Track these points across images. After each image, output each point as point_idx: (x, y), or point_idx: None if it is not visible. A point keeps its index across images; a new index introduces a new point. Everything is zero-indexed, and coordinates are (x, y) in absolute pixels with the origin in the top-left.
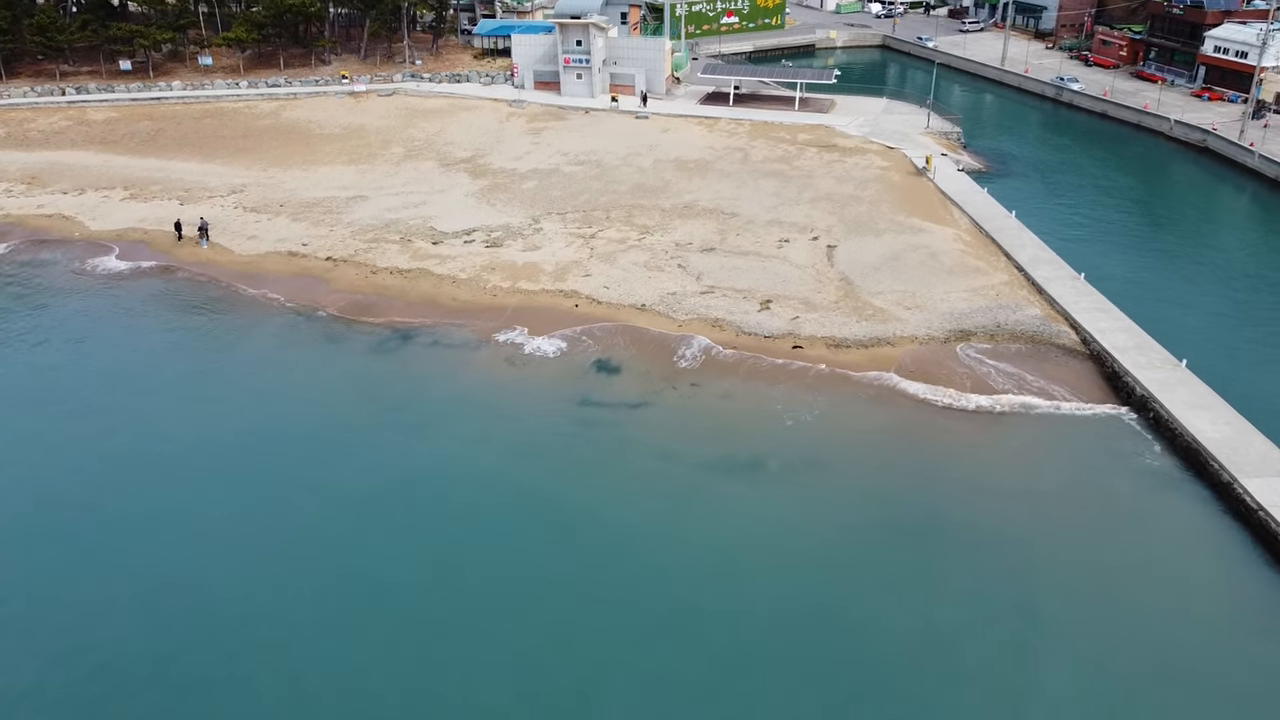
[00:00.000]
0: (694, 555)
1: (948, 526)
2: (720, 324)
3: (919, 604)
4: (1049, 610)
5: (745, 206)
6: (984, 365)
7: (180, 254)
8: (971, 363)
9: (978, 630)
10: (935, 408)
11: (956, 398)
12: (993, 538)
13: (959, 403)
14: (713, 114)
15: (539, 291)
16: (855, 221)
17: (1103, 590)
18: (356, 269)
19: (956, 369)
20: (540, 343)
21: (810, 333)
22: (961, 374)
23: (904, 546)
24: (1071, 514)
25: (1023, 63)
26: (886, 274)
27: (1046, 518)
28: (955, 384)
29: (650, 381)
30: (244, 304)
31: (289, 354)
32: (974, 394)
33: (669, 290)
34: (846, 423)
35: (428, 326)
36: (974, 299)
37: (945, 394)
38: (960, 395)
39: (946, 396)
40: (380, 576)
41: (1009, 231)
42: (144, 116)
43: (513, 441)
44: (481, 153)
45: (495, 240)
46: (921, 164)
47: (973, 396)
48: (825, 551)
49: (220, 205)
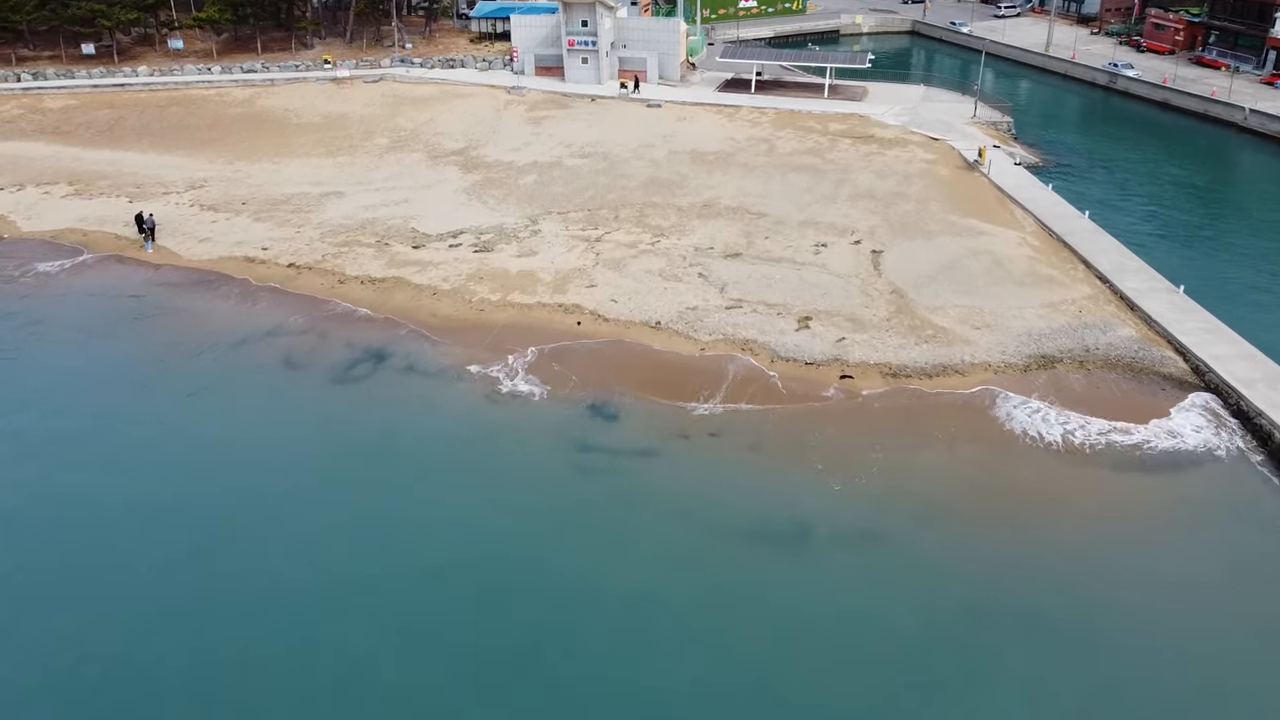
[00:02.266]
0: (722, 654)
1: (1063, 620)
2: (751, 346)
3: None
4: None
5: (774, 205)
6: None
7: (119, 259)
8: (1062, 400)
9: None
10: (1025, 457)
11: (1053, 439)
12: (1121, 634)
13: (1058, 446)
14: (733, 102)
15: (534, 306)
16: (902, 222)
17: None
18: (322, 277)
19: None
20: (533, 370)
21: (861, 358)
22: (1052, 414)
23: (1007, 652)
24: (1207, 590)
25: (1068, 49)
26: (945, 285)
27: (1175, 597)
28: (1044, 428)
29: (666, 420)
30: (182, 320)
31: (231, 382)
32: (1073, 433)
33: (688, 304)
34: (915, 477)
35: (401, 348)
36: (1053, 316)
37: (1040, 435)
38: (1056, 433)
39: (1042, 439)
40: (337, 662)
41: (1084, 235)
42: (104, 104)
43: (496, 498)
44: (475, 144)
45: (486, 244)
46: (973, 157)
47: (1073, 434)
48: (896, 653)
49: (175, 203)
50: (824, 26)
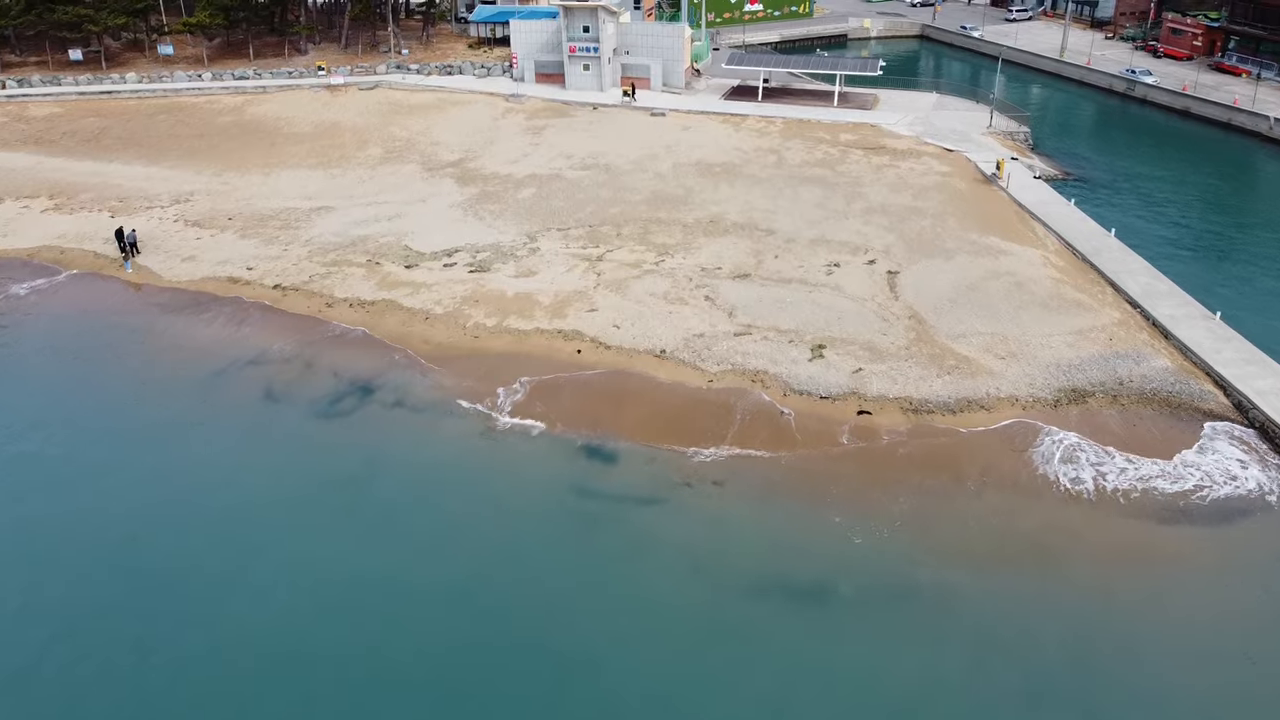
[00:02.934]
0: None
1: (1107, 698)
2: (763, 378)
3: None
4: None
5: (783, 221)
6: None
7: (96, 280)
8: (1096, 440)
9: None
10: (1059, 506)
11: (1088, 484)
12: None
13: (1093, 493)
14: (739, 110)
15: (532, 332)
16: (918, 240)
17: None
18: (309, 300)
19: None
20: (529, 404)
21: (879, 391)
22: (1086, 456)
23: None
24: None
25: (1083, 54)
26: (966, 309)
27: (1227, 668)
28: (1078, 472)
29: (671, 463)
30: (158, 347)
31: (207, 417)
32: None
33: (695, 331)
34: (942, 529)
35: (390, 380)
36: (1082, 344)
37: (1075, 481)
38: (1090, 478)
39: (1077, 485)
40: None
41: (1110, 254)
42: (90, 112)
43: (487, 551)
44: (472, 155)
45: (482, 263)
46: (990, 169)
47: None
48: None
49: (159, 217)
50: (831, 30)
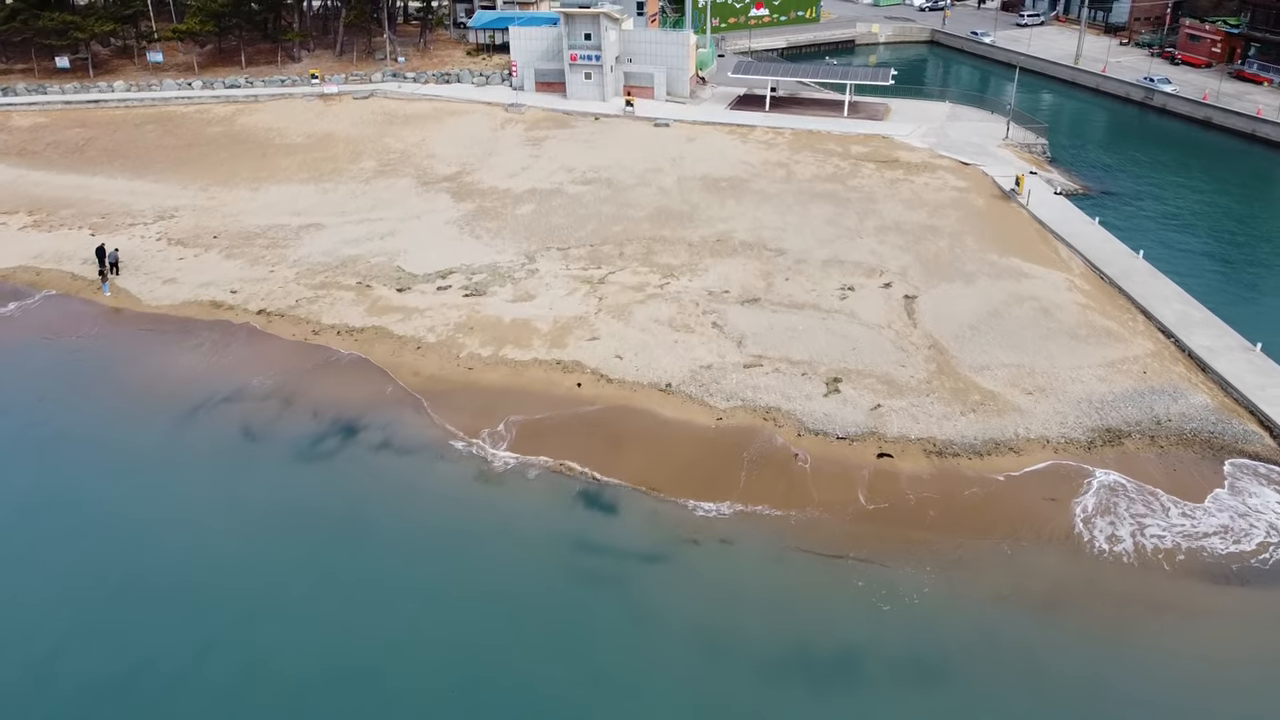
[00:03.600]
0: None
1: None
2: (775, 416)
3: None
4: None
5: (794, 239)
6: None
7: (72, 303)
8: (1135, 488)
9: None
10: (1098, 567)
11: (1128, 542)
12: None
13: (1133, 552)
14: (746, 121)
15: (529, 363)
16: (936, 261)
17: None
18: (295, 327)
19: (1126, 497)
20: (526, 445)
21: (900, 431)
22: (1125, 507)
23: None
24: None
25: (1098, 61)
26: (989, 338)
27: None
28: (1117, 527)
29: (677, 516)
30: (132, 379)
31: (180, 458)
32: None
33: (702, 362)
34: (974, 595)
35: (377, 417)
36: (1114, 378)
37: (1114, 538)
38: (1129, 534)
39: (1117, 542)
40: None
41: (1140, 278)
42: (76, 123)
43: (478, 612)
44: (469, 168)
45: (477, 286)
46: (1009, 184)
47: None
48: None
49: (141, 235)
50: (839, 36)
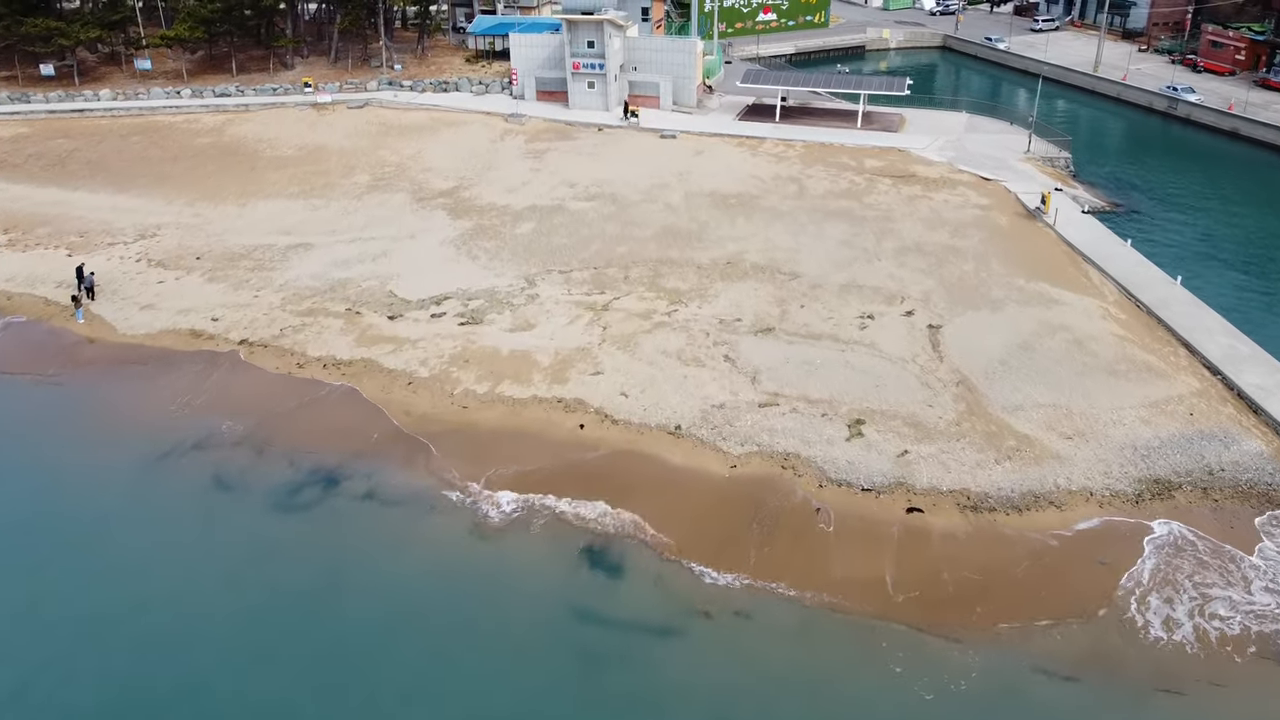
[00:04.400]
0: None
1: None
2: (794, 463)
3: None
4: None
5: (808, 261)
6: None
7: (41, 331)
8: (1191, 551)
9: None
10: (1157, 656)
11: (1186, 623)
12: None
13: (1193, 637)
14: (756, 132)
15: (528, 401)
16: (960, 286)
17: None
18: (279, 359)
19: (1182, 566)
20: (524, 496)
21: (930, 481)
22: (1184, 577)
23: None
24: None
25: (1118, 68)
26: (1021, 374)
27: None
28: (1175, 605)
29: (689, 582)
30: (99, 418)
31: (146, 508)
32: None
33: (714, 400)
34: (1024, 687)
35: (363, 463)
36: (1159, 421)
37: (1173, 619)
38: (1186, 615)
39: (1176, 624)
40: None
41: (1179, 307)
42: (59, 133)
43: (469, 690)
44: (467, 182)
45: (474, 313)
46: (1033, 202)
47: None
48: None
49: (120, 256)
50: (849, 42)
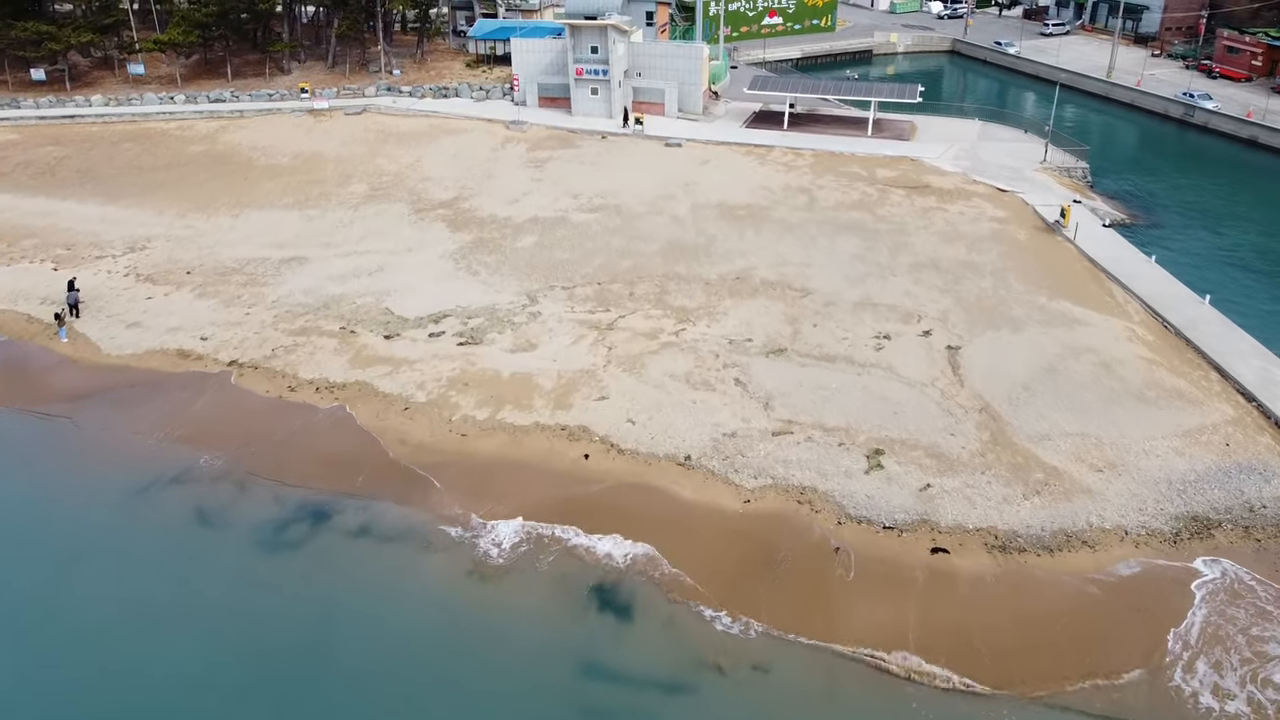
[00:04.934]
0: None
1: None
2: (810, 498)
3: None
4: None
5: (820, 277)
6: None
7: (20, 352)
8: (1237, 601)
9: None
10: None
11: (1238, 695)
12: None
13: (1250, 713)
14: (764, 140)
15: (530, 429)
16: (979, 305)
17: None
18: (269, 381)
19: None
20: (526, 531)
21: (955, 518)
22: (1235, 634)
23: None
24: None
25: (1131, 74)
26: (1047, 400)
27: None
28: (1226, 673)
29: (700, 632)
30: (77, 447)
31: (122, 546)
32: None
33: (725, 428)
34: None
35: (356, 497)
36: (1194, 452)
37: (1223, 690)
38: (1238, 684)
39: (1227, 697)
40: None
41: (1208, 328)
42: (49, 140)
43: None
44: (467, 193)
45: (473, 332)
46: (1051, 215)
47: None
48: None
49: (108, 270)
50: (856, 46)
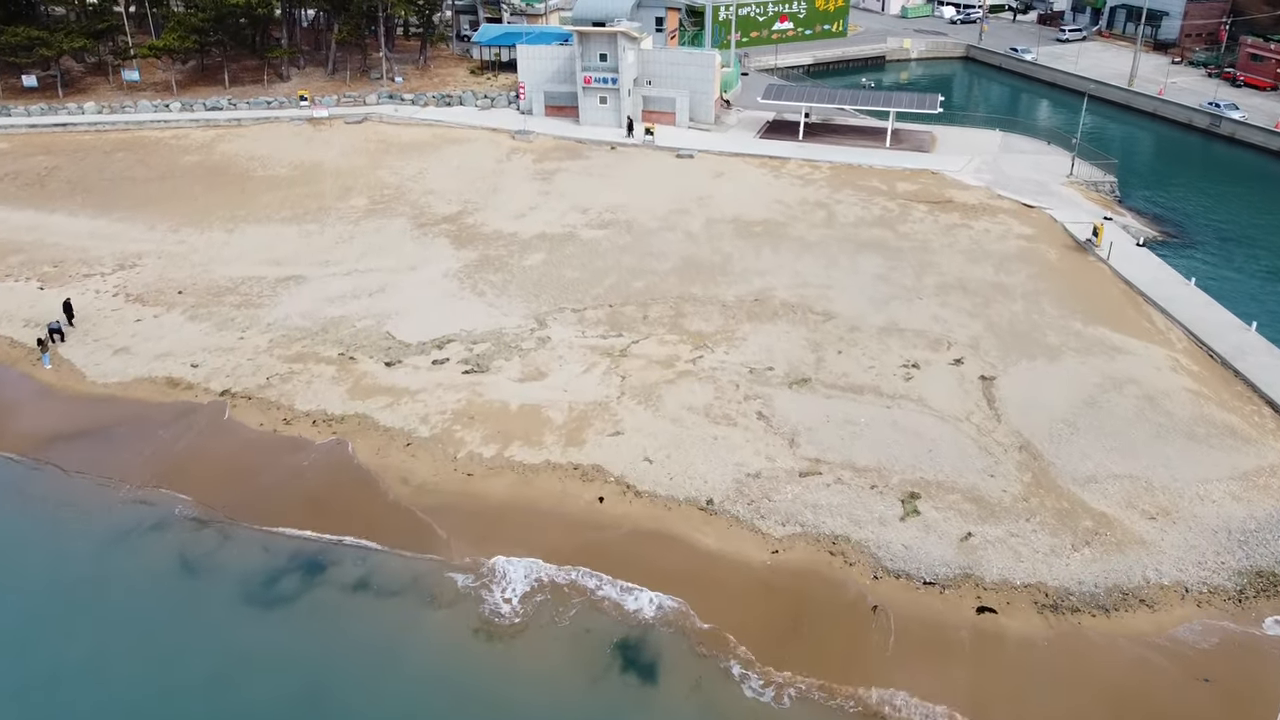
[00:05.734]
0: None
1: None
2: (843, 548)
3: None
4: None
5: (842, 299)
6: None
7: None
8: None
9: None
10: None
11: None
12: None
13: None
14: (778, 152)
15: (541, 468)
16: (1011, 331)
17: None
18: (263, 413)
19: None
20: (539, 582)
21: (1001, 573)
22: None
23: None
24: None
25: (1153, 82)
26: (1091, 437)
27: None
28: None
29: (730, 698)
30: (54, 490)
31: (100, 600)
32: None
33: (749, 468)
34: None
35: (355, 545)
36: (1252, 496)
37: None
38: None
39: None
40: None
41: (1257, 358)
42: (40, 149)
43: None
44: (471, 207)
45: (479, 359)
46: (1081, 232)
47: None
48: None
49: (97, 290)
50: (868, 52)
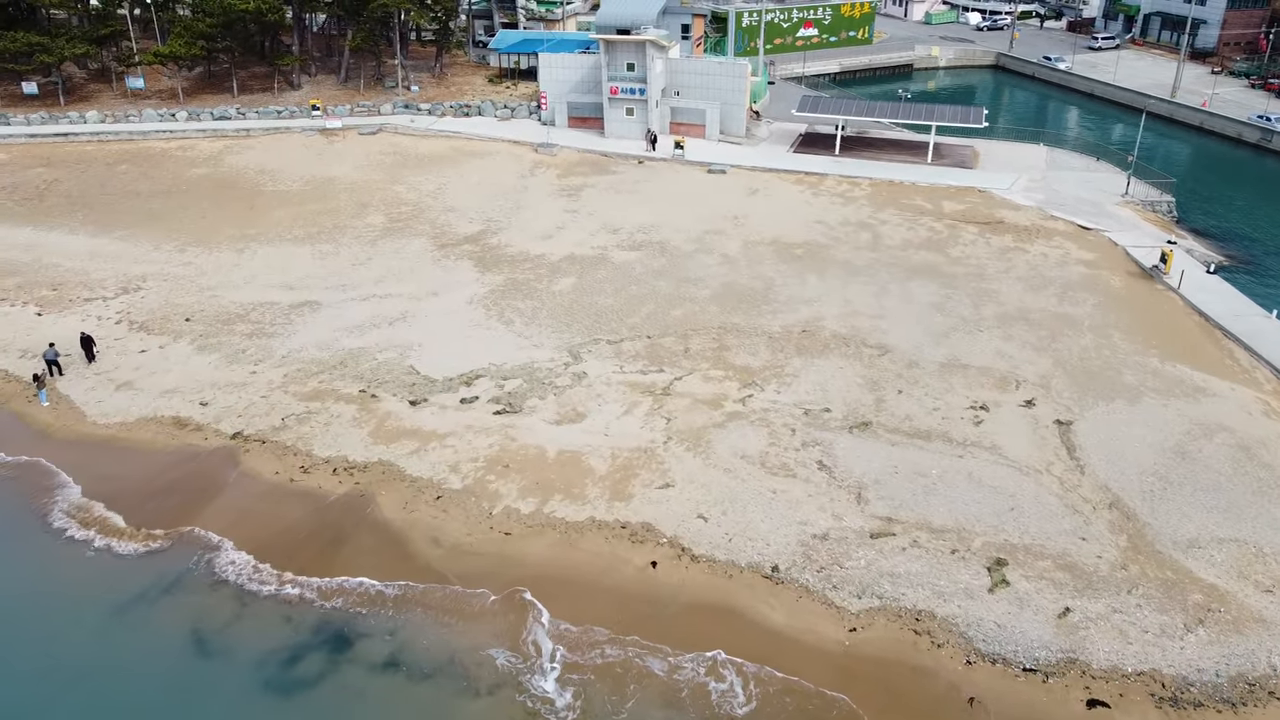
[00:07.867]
0: None
1: None
2: (928, 626)
3: None
4: None
5: (897, 331)
6: None
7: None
8: None
9: None
10: None
11: None
12: None
13: None
14: (814, 167)
15: (585, 525)
16: (1083, 368)
17: None
18: (279, 460)
19: None
20: (587, 666)
21: (1109, 658)
22: None
23: None
24: None
25: (1194, 93)
26: (1186, 493)
27: None
28: None
29: None
30: (49, 553)
31: (100, 684)
32: None
33: (814, 527)
34: None
35: (383, 615)
36: None
37: None
38: None
39: None
40: None
41: None
42: (40, 160)
43: None
44: (494, 226)
45: (511, 398)
46: (1147, 259)
47: None
48: None
49: (98, 316)
50: (896, 60)
